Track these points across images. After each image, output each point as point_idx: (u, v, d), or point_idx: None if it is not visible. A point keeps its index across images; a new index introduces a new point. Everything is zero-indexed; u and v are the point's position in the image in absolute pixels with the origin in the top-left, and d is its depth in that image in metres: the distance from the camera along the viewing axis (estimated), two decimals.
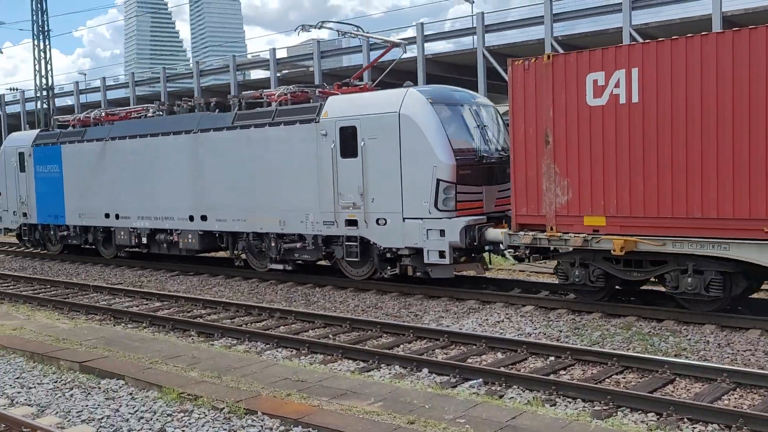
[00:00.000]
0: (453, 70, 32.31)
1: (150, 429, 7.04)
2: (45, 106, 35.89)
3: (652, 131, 10.92)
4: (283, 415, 7.04)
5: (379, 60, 18.82)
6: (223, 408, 7.37)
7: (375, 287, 15.12)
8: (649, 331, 10.84)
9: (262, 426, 6.92)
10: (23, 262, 22.36)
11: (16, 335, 11.06)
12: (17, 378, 8.98)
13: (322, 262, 16.65)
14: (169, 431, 6.97)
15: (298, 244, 15.66)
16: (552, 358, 9.65)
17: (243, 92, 19.05)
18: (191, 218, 17.66)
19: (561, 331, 11.14)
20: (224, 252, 18.39)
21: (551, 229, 11.98)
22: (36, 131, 23.86)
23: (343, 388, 7.83)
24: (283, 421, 6.96)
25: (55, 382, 8.75)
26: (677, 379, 8.63)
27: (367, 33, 20.13)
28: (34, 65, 35.48)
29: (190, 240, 17.76)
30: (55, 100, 37.67)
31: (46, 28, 35.36)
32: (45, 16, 35.11)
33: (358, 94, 15.64)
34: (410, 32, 31.84)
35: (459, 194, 13.47)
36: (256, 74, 50.01)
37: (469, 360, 9.85)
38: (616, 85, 11.19)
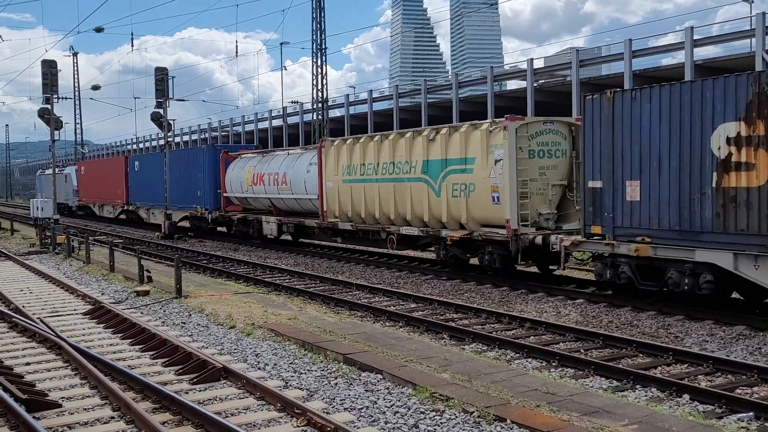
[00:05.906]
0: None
1: (405, 424, 7.42)
2: (319, 117, 39.23)
3: None
4: (533, 426, 7.04)
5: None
6: (473, 412, 7.55)
7: (631, 304, 14.50)
8: None
9: None
10: (297, 259, 24.66)
11: (291, 324, 12.27)
12: (291, 363, 9.97)
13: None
14: (422, 428, 7.29)
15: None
16: None
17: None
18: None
19: None
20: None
21: None
22: (42, 169, 76.23)
23: (594, 406, 7.63)
24: None
25: (322, 370, 9.56)
26: None
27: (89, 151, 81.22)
28: (313, 80, 38.96)
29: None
30: (328, 111, 40.99)
31: (323, 47, 38.66)
32: (323, 36, 38.44)
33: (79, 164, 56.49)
34: (670, 38, 30.06)
35: (81, 194, 52.63)
36: (512, 84, 50.19)
37: (738, 390, 9.07)
38: None
